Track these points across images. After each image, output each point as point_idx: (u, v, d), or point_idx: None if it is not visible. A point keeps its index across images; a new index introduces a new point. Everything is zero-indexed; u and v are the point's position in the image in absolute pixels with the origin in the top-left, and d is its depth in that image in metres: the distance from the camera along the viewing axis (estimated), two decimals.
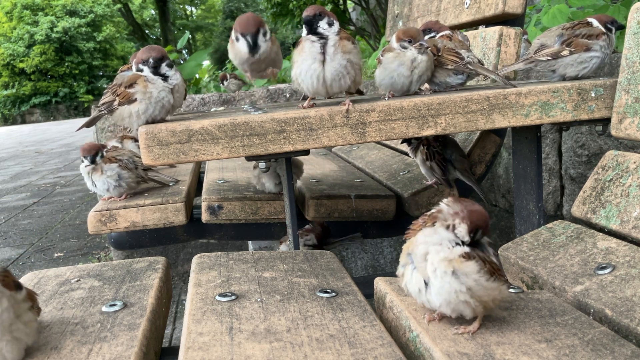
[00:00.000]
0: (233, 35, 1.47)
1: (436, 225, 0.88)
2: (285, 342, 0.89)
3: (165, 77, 1.41)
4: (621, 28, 1.49)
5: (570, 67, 1.47)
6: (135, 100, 1.38)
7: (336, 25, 1.28)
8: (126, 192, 1.93)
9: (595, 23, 1.49)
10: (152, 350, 1.03)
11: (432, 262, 0.87)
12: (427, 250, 0.88)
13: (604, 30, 1.48)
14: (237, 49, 1.46)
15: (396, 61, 1.38)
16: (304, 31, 1.30)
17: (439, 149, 1.80)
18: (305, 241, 1.96)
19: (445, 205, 0.89)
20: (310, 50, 1.27)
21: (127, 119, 1.41)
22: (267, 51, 1.45)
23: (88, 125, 1.65)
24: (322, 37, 1.27)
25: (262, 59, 1.46)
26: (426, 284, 0.89)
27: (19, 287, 0.91)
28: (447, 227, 0.87)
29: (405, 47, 1.37)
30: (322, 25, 1.27)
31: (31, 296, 0.95)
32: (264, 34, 1.43)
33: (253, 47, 1.42)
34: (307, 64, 1.28)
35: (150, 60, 1.40)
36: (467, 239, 0.87)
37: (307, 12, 1.28)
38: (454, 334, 0.89)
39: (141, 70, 1.41)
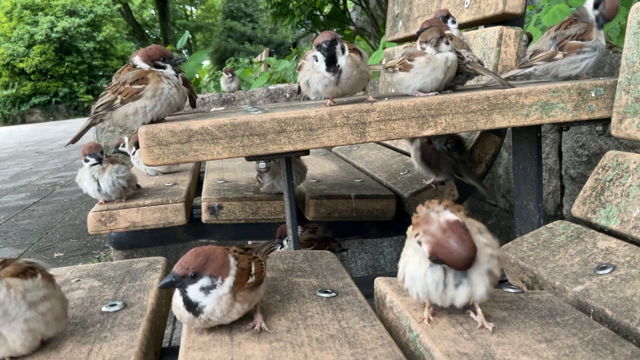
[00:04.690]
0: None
1: None
2: (285, 342, 0.89)
3: (177, 75, 1.41)
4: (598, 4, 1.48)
5: (561, 67, 1.49)
6: (141, 97, 1.36)
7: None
8: (125, 196, 1.92)
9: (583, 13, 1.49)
10: (152, 350, 1.02)
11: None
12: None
13: (589, 20, 1.47)
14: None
15: (429, 66, 1.38)
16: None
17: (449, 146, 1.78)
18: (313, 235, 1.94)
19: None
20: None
21: (131, 117, 1.36)
22: None
23: (75, 140, 1.57)
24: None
25: None
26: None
27: (32, 274, 0.91)
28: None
29: (436, 46, 1.37)
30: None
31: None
32: None
33: None
34: None
35: (177, 55, 1.40)
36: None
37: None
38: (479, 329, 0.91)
39: (163, 67, 1.39)
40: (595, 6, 1.48)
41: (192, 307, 0.89)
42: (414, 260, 0.90)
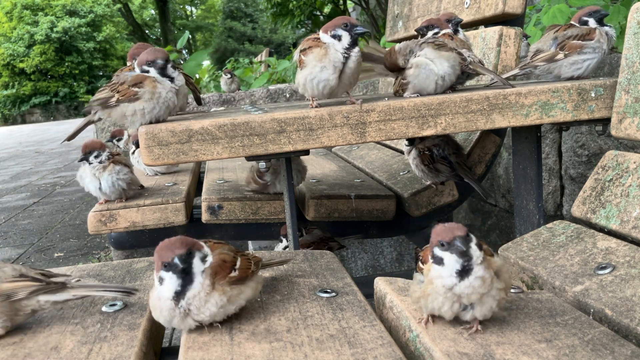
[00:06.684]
0: None
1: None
2: (285, 342, 0.89)
3: (171, 79, 1.40)
4: (602, 17, 1.50)
5: (564, 68, 1.49)
6: (139, 98, 1.36)
7: None
8: (125, 197, 1.91)
9: (577, 23, 1.51)
10: (152, 350, 1.03)
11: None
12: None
13: (592, 26, 1.49)
14: None
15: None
16: None
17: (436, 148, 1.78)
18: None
19: None
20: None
21: (129, 117, 1.37)
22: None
23: (72, 137, 1.58)
24: None
25: None
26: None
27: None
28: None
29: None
30: None
31: None
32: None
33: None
34: None
35: (158, 61, 1.39)
36: None
37: None
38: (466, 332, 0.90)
39: (147, 72, 1.39)
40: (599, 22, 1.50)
41: (183, 287, 0.90)
42: (437, 296, 0.90)
